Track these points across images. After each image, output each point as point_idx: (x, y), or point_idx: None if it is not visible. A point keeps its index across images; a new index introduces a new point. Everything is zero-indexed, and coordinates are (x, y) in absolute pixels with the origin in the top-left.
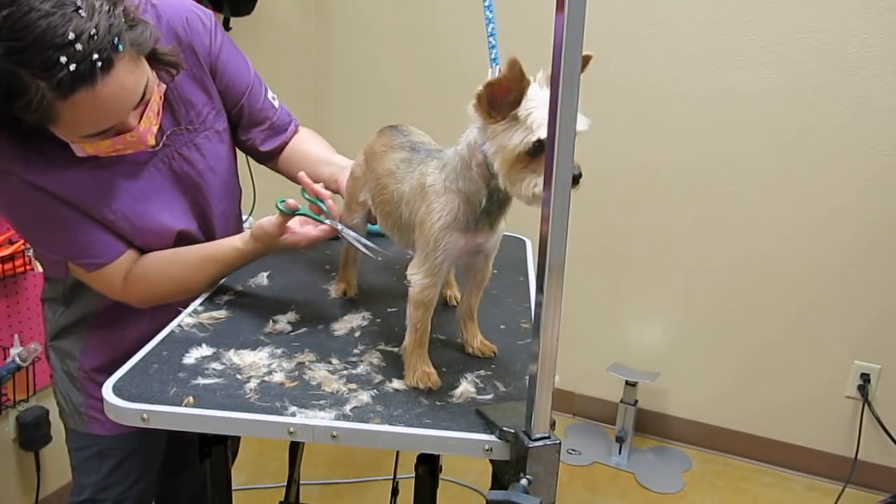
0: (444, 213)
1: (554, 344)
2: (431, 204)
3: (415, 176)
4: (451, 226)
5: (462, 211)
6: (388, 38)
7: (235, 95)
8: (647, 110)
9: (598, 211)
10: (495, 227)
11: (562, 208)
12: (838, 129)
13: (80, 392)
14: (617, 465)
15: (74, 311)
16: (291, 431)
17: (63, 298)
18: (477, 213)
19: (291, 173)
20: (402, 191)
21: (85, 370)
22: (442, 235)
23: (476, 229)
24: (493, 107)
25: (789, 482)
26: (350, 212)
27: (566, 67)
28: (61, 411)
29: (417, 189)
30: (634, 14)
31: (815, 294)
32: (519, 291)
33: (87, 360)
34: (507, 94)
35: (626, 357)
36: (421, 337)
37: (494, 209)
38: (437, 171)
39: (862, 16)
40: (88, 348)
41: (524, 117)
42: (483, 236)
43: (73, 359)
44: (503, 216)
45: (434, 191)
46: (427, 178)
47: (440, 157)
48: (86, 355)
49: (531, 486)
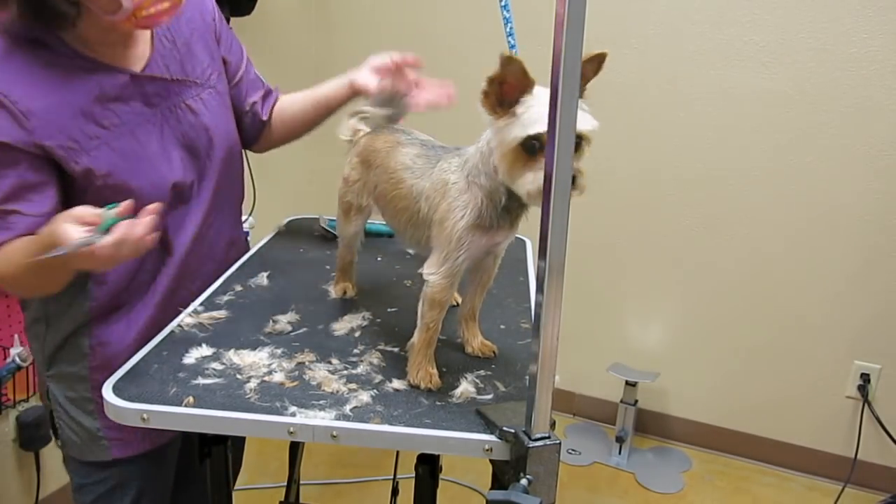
0: (468, 211)
1: (554, 344)
2: (454, 201)
3: (436, 172)
4: (475, 224)
5: (485, 206)
6: (388, 38)
7: (235, 64)
8: (647, 110)
9: (598, 211)
10: (514, 226)
11: (562, 208)
12: (838, 129)
13: (95, 414)
14: (617, 465)
15: (62, 323)
16: (291, 431)
17: (44, 317)
18: (499, 210)
19: (287, 128)
20: (422, 186)
21: (99, 384)
22: (465, 234)
23: (497, 227)
24: (501, 104)
25: (789, 482)
26: (348, 220)
27: (566, 67)
28: (69, 447)
29: (439, 185)
30: (634, 14)
31: (815, 294)
32: (519, 291)
33: (99, 372)
34: (514, 92)
35: (626, 357)
36: (431, 336)
37: (515, 207)
38: (460, 169)
39: (862, 16)
40: (96, 357)
41: (520, 114)
42: (501, 235)
43: (82, 379)
44: (523, 215)
45: (458, 188)
46: (450, 175)
47: (461, 154)
48: (96, 368)
49: (531, 486)
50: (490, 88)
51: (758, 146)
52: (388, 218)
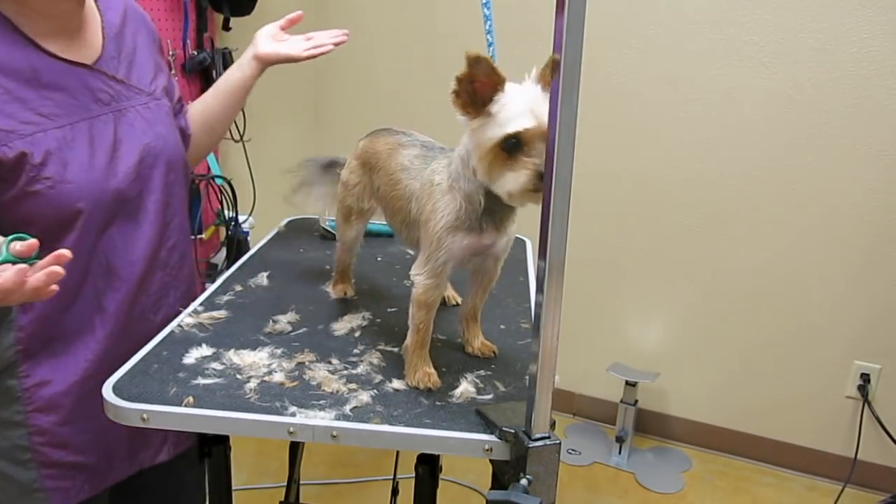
0: (447, 213)
1: (554, 344)
2: (437, 203)
3: (426, 173)
4: (453, 225)
5: (464, 210)
6: (388, 38)
7: (170, 86)
8: (647, 110)
9: (598, 211)
10: (503, 230)
11: (562, 208)
12: (838, 129)
13: (33, 464)
14: (617, 465)
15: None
16: (291, 431)
17: None
18: (479, 213)
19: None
20: (414, 187)
21: (42, 429)
22: (444, 235)
23: (482, 230)
24: (473, 103)
25: (789, 482)
26: (348, 224)
27: (566, 67)
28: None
29: (426, 186)
30: (634, 14)
31: (815, 294)
32: (519, 291)
33: (42, 415)
34: (486, 90)
35: (626, 357)
36: (423, 337)
37: (497, 209)
38: (444, 170)
39: (862, 16)
40: (34, 400)
41: (496, 112)
42: (490, 238)
43: (15, 425)
44: (511, 218)
45: (440, 189)
46: (436, 175)
47: (449, 155)
48: (36, 411)
49: (531, 486)
50: (460, 87)
51: (758, 146)
52: (388, 218)
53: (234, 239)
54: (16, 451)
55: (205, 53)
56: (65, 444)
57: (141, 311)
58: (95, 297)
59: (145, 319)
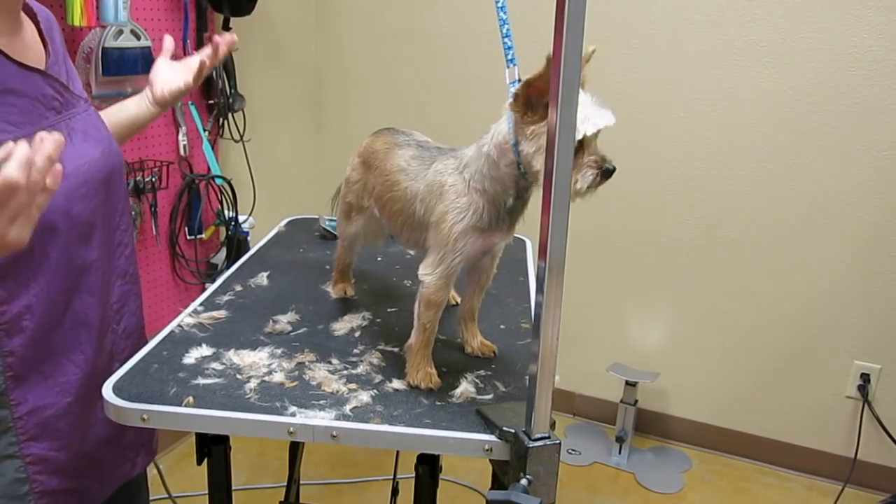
0: (467, 214)
1: (554, 344)
2: (451, 204)
3: (430, 174)
4: (475, 226)
5: (486, 211)
6: (388, 38)
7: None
8: (647, 110)
9: (599, 211)
10: (513, 228)
11: (562, 208)
12: (838, 129)
13: (31, 496)
14: (617, 465)
15: None
16: (291, 431)
17: None
18: (501, 213)
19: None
20: (417, 188)
21: (39, 458)
22: (461, 236)
23: (495, 229)
24: (528, 107)
25: (789, 482)
26: (349, 221)
27: (566, 67)
28: None
29: (435, 187)
30: (634, 14)
31: (815, 294)
32: (519, 291)
33: (36, 443)
34: (542, 94)
35: (626, 357)
36: (428, 337)
37: (518, 208)
38: (457, 171)
39: (862, 16)
40: (27, 429)
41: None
42: (499, 236)
43: (11, 457)
44: (521, 217)
45: (455, 190)
46: (446, 177)
47: (456, 155)
48: (30, 440)
49: (531, 486)
50: (522, 91)
51: (758, 146)
52: (384, 220)
53: (234, 239)
54: (14, 486)
55: None
56: (61, 470)
57: (108, 322)
58: (83, 310)
59: (111, 331)
